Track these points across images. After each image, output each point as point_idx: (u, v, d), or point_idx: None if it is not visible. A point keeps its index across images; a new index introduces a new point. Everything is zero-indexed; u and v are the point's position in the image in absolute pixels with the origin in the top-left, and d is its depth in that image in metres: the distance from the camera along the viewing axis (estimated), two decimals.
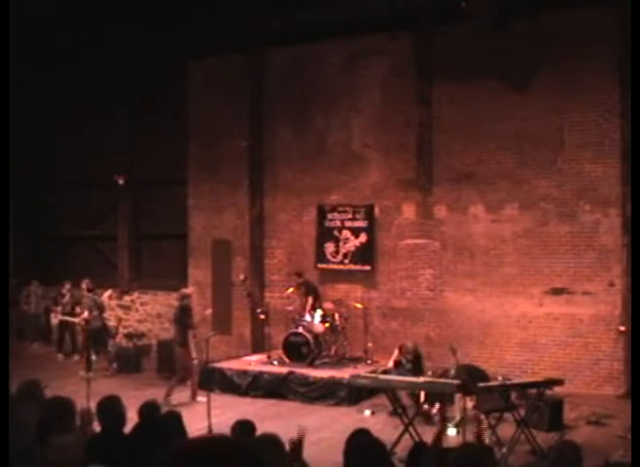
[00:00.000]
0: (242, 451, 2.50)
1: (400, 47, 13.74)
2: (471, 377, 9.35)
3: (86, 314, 14.11)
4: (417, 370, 10.98)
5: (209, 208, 15.60)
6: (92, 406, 9.68)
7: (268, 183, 14.98)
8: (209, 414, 9.84)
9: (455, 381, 9.29)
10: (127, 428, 5.52)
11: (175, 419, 5.44)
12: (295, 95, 14.71)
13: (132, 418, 5.60)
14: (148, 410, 5.70)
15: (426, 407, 10.16)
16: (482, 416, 8.93)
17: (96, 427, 5.55)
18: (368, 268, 14.00)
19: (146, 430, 5.36)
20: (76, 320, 14.66)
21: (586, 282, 12.36)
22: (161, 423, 5.39)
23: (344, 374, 11.82)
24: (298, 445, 4.91)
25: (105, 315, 14.69)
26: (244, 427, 5.54)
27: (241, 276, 14.74)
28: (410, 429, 8.96)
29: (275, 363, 12.90)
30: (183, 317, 11.86)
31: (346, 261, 14.13)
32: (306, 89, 14.60)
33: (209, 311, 12.82)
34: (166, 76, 16.00)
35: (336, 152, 14.40)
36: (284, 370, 12.40)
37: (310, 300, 13.50)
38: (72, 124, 17.12)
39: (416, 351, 11.36)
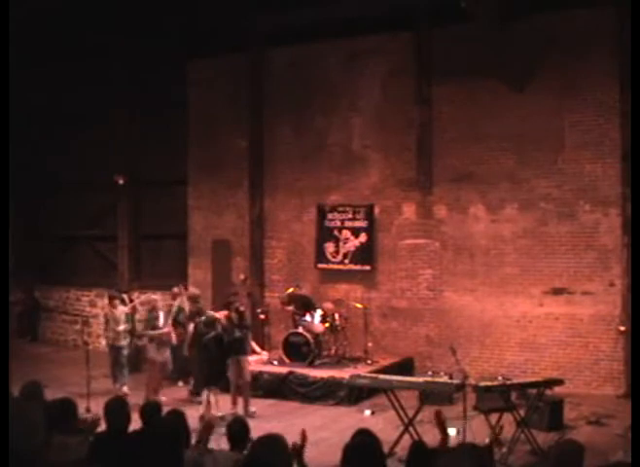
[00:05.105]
0: None
1: (400, 47, 13.74)
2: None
3: None
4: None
5: (209, 208, 15.59)
6: (92, 405, 9.77)
7: (268, 183, 14.98)
8: None
9: (456, 381, 9.31)
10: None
11: (179, 418, 5.43)
12: (295, 95, 14.70)
13: (134, 418, 5.60)
14: (150, 410, 5.70)
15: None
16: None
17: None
18: (368, 268, 13.99)
19: (150, 430, 5.36)
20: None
21: (586, 282, 12.37)
22: (166, 423, 5.38)
23: (344, 374, 11.81)
24: (300, 448, 4.93)
25: None
26: (238, 426, 5.54)
27: (241, 276, 14.73)
28: (410, 429, 8.97)
29: (275, 363, 12.90)
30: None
31: (346, 261, 14.13)
32: (306, 89, 14.59)
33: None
34: (166, 76, 16.00)
35: (336, 152, 14.40)
36: (284, 370, 12.40)
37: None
38: (72, 124, 17.10)
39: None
